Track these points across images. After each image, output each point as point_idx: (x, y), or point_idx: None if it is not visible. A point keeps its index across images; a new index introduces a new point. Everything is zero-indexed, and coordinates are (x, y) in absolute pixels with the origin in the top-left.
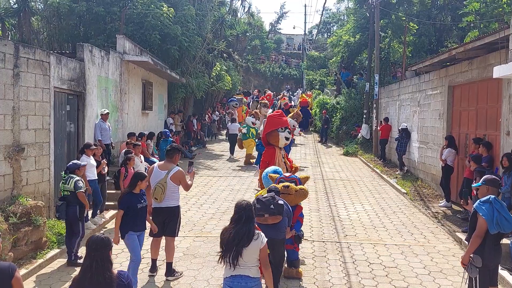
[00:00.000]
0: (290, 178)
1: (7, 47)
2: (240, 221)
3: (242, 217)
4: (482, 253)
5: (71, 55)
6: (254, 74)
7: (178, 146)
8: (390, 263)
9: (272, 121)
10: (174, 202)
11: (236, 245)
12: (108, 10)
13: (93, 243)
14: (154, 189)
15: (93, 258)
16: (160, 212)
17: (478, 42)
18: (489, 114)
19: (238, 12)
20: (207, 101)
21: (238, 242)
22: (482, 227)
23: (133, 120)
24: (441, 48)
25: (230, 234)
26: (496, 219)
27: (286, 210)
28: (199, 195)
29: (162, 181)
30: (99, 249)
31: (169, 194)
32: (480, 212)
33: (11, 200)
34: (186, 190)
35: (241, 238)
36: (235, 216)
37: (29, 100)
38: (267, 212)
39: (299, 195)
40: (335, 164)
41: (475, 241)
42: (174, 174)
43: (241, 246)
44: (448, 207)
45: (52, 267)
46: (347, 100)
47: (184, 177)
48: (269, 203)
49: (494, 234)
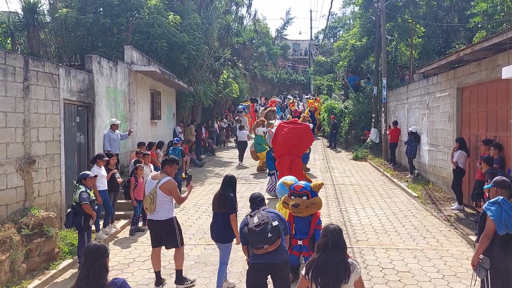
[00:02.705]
0: (300, 192)
1: (17, 61)
2: (327, 248)
3: (328, 243)
4: (491, 254)
5: (80, 66)
6: (261, 80)
7: (172, 158)
8: (403, 268)
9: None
10: (166, 214)
11: (334, 280)
12: (115, 21)
13: (89, 251)
14: (145, 199)
15: (90, 266)
16: (153, 225)
17: (486, 43)
18: (499, 115)
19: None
20: (215, 109)
21: (336, 277)
22: (490, 228)
23: (142, 129)
24: (448, 49)
25: (320, 264)
26: (505, 220)
27: (279, 222)
28: (209, 203)
29: (152, 191)
30: (96, 257)
31: (159, 205)
32: (489, 213)
33: (24, 211)
34: (178, 203)
35: (338, 271)
36: (320, 242)
37: (39, 112)
38: (266, 243)
39: (310, 209)
40: (345, 169)
41: (484, 242)
42: (163, 184)
43: (340, 281)
44: (461, 210)
45: (64, 277)
46: (355, 104)
47: (175, 188)
48: (266, 233)
49: (503, 235)
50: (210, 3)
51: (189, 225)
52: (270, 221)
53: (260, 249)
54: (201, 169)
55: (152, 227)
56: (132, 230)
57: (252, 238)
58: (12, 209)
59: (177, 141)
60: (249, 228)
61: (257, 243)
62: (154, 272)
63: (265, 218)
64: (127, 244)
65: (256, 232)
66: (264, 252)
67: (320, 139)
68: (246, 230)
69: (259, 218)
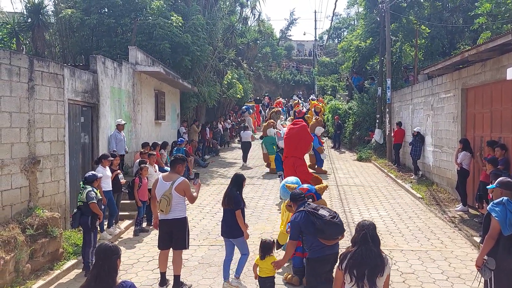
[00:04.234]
0: (307, 194)
1: (22, 61)
2: (367, 241)
3: (366, 236)
4: (496, 255)
5: (85, 67)
6: (265, 81)
7: (182, 156)
8: (407, 269)
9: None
10: (180, 213)
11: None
12: (119, 22)
13: (101, 251)
14: (160, 201)
15: (100, 266)
16: (166, 224)
17: (491, 44)
18: (504, 116)
19: (249, 20)
20: (219, 109)
21: (373, 269)
22: (495, 228)
23: (146, 130)
24: (453, 50)
25: (358, 256)
26: (509, 221)
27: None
28: (213, 204)
29: (167, 193)
30: (108, 257)
31: (174, 205)
32: (493, 213)
33: (28, 212)
34: (191, 202)
35: (375, 263)
36: (357, 236)
37: (44, 112)
38: (342, 233)
39: None
40: (349, 169)
41: (488, 242)
42: (178, 185)
43: (377, 274)
44: (465, 211)
45: (69, 277)
46: (359, 105)
47: (189, 188)
48: (341, 223)
49: (508, 236)
50: (215, 4)
51: (193, 226)
52: (337, 214)
53: (335, 240)
54: (205, 170)
55: (164, 227)
56: (136, 231)
57: (332, 230)
58: (16, 209)
59: (181, 141)
60: (325, 220)
61: (337, 234)
62: (160, 273)
63: (331, 210)
64: (131, 245)
65: (337, 223)
66: (333, 243)
67: (324, 140)
68: (320, 223)
69: (327, 210)
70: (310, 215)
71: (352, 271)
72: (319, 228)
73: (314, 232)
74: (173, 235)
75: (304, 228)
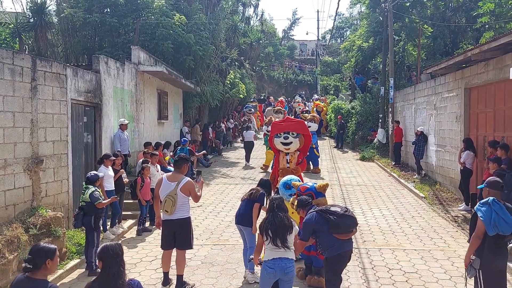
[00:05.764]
0: (306, 193)
1: (25, 61)
2: (273, 209)
3: (273, 206)
4: (481, 254)
5: (87, 67)
6: (268, 81)
7: (186, 156)
8: (410, 269)
9: (272, 127)
10: (185, 213)
11: (280, 230)
12: (122, 22)
13: (108, 250)
14: (164, 201)
15: (108, 265)
16: (171, 224)
17: (494, 43)
18: (507, 115)
19: (251, 20)
20: (222, 109)
21: (281, 228)
22: (480, 228)
23: (149, 130)
24: (456, 50)
25: (269, 220)
26: (494, 221)
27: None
28: (216, 203)
29: (172, 193)
30: (114, 256)
31: (179, 206)
32: (479, 213)
33: (31, 211)
34: (196, 201)
35: (283, 223)
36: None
37: (47, 112)
38: (356, 226)
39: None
40: (352, 169)
41: (474, 242)
42: (184, 185)
43: (285, 232)
44: (468, 211)
45: (72, 277)
46: (362, 104)
47: (193, 188)
48: (354, 216)
49: (494, 236)
50: (217, 4)
51: (196, 225)
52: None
53: (350, 233)
54: (208, 169)
55: (168, 227)
56: (139, 230)
57: (346, 222)
58: (19, 209)
59: (184, 141)
60: (340, 214)
61: (351, 226)
62: (163, 272)
63: (342, 206)
64: (134, 244)
65: (350, 216)
66: (348, 239)
67: (327, 140)
68: (335, 217)
69: (338, 206)
70: (323, 213)
71: (267, 232)
72: (334, 223)
73: (328, 229)
74: (176, 235)
75: (318, 227)
